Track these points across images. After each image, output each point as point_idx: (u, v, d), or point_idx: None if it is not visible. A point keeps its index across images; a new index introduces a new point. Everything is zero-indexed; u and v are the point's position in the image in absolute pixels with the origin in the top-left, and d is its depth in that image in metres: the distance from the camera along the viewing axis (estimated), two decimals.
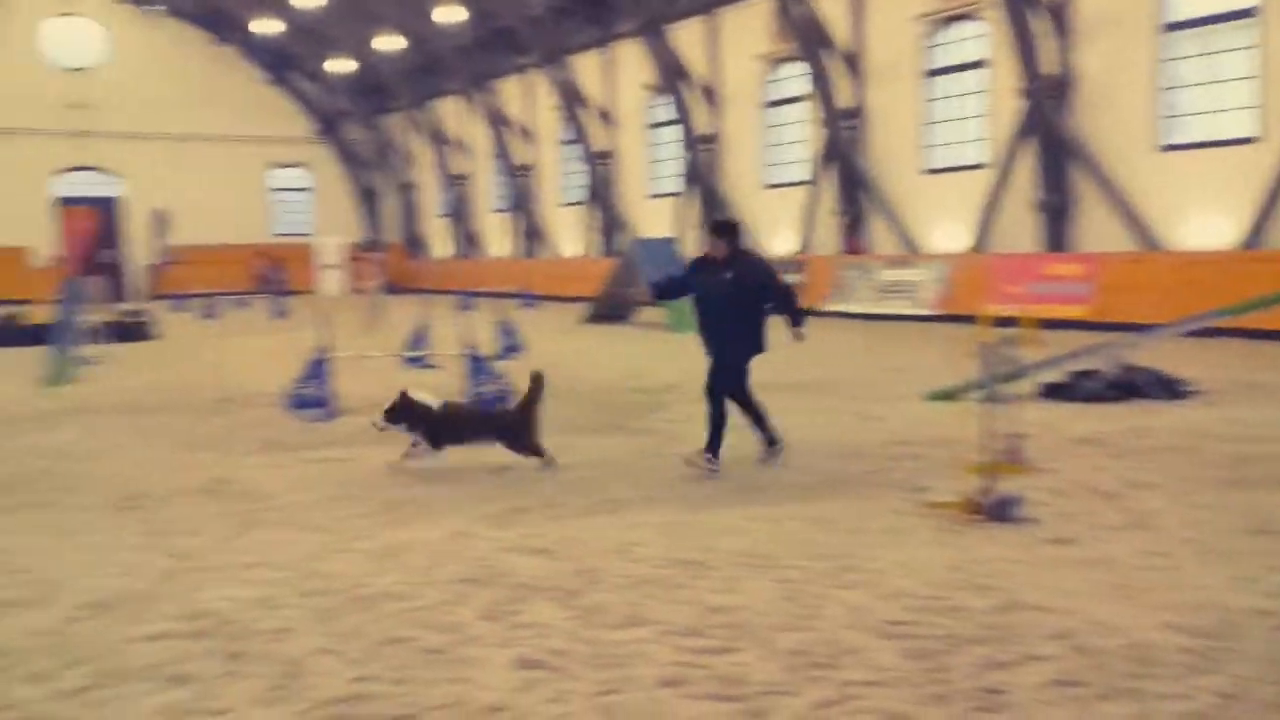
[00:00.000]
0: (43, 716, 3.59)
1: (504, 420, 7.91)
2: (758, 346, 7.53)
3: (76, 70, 36.94)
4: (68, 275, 20.56)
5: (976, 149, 20.74)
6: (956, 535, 5.60)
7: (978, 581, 4.80)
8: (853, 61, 22.10)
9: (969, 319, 8.84)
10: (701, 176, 25.87)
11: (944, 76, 21.34)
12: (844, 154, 22.26)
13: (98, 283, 17.99)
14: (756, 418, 7.55)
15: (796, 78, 24.28)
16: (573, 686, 3.76)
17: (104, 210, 35.62)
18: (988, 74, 20.28)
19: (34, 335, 17.47)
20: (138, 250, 37.46)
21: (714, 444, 7.27)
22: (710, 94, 25.85)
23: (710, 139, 25.91)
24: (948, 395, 9.80)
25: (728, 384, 7.44)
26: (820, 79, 22.17)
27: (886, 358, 14.28)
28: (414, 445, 7.53)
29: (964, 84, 21.03)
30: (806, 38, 22.04)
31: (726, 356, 7.46)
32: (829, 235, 23.13)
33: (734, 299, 7.32)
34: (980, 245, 20.03)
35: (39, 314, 18.67)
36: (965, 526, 5.73)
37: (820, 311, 21.11)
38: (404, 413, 7.48)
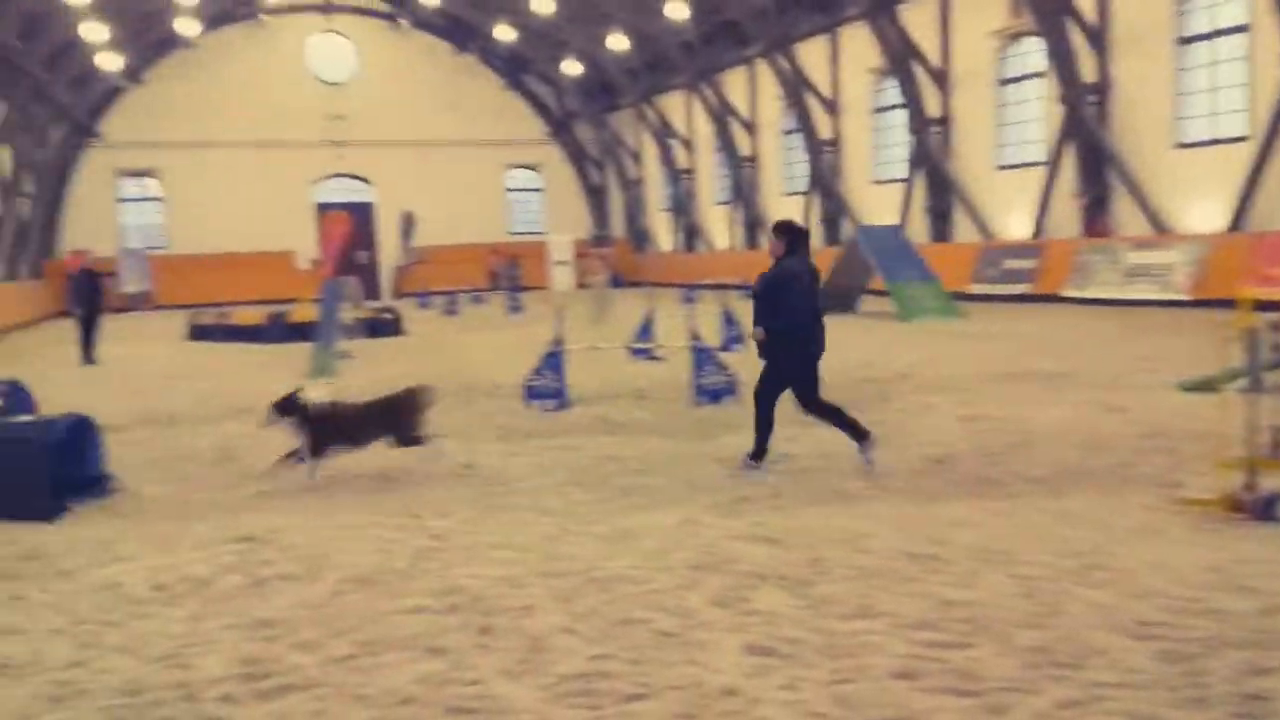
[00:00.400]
0: (315, 681, 3.89)
1: (388, 414, 7.56)
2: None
3: (333, 84, 39.96)
4: (327, 276, 22.22)
5: (1236, 120, 19.04)
6: (1215, 534, 5.22)
7: (1240, 583, 4.47)
8: (1096, 34, 20.77)
9: (1226, 304, 8.18)
10: (929, 160, 25.05)
11: (1199, 44, 19.72)
12: (1086, 131, 20.97)
13: (353, 283, 19.36)
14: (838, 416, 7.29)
15: (1032, 53, 23.10)
16: (805, 674, 3.77)
17: (357, 214, 38.37)
18: (1247, 39, 18.57)
19: (299, 332, 19.11)
20: (387, 251, 40.15)
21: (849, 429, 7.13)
22: (940, 75, 24.98)
23: (939, 121, 25.04)
24: (1204, 385, 9.10)
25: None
26: (1060, 53, 20.97)
27: (1133, 345, 13.39)
28: (294, 452, 7.37)
29: (1220, 51, 19.35)
30: (1045, 10, 20.89)
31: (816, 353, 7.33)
32: (1067, 217, 21.87)
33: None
34: (1239, 224, 18.41)
35: (303, 312, 20.37)
36: (1225, 525, 5.34)
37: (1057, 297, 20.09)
38: (288, 409, 7.36)
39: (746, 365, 12.21)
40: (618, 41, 33.22)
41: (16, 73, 27.74)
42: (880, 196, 27.81)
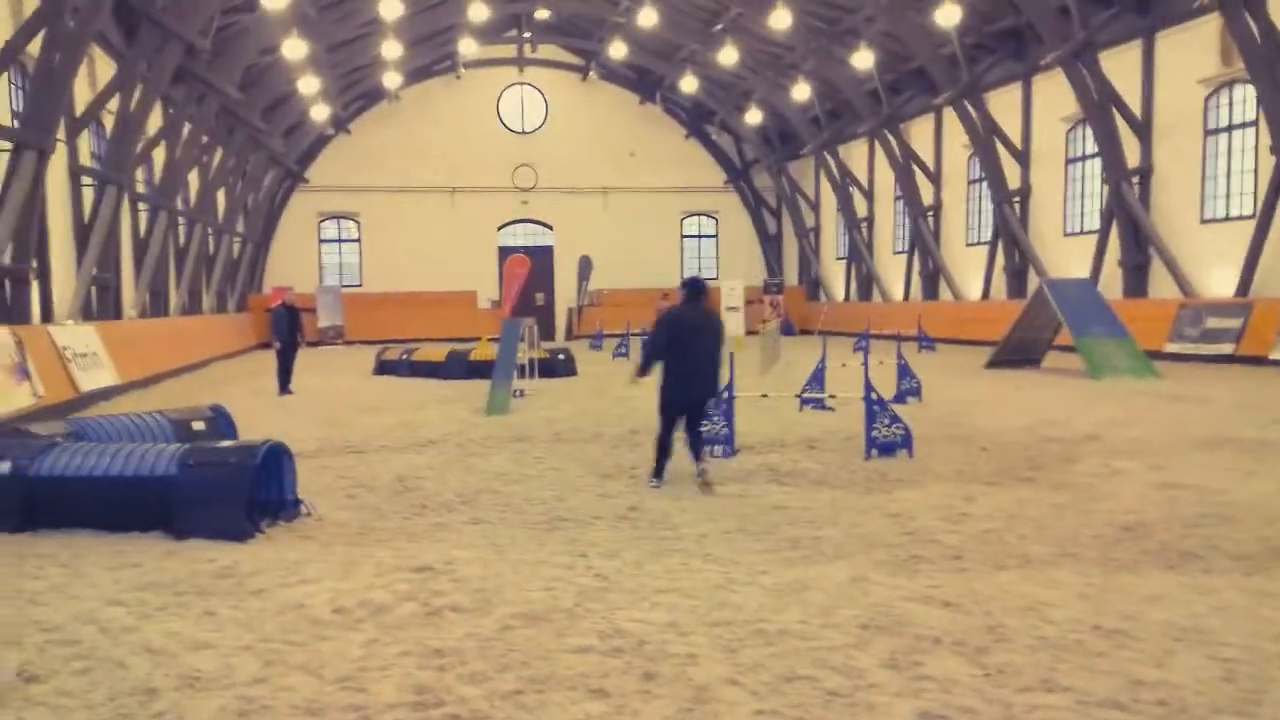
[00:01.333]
0: (482, 714, 3.95)
1: None
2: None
3: (523, 133, 41.65)
4: (506, 316, 22.92)
5: None
6: None
7: None
8: None
9: None
10: (1126, 212, 23.88)
11: None
12: None
13: (530, 323, 19.88)
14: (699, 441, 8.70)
15: (1242, 102, 21.80)
16: None
17: (538, 258, 39.63)
18: None
19: (478, 369, 19.75)
20: (564, 293, 41.29)
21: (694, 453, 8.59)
22: (1140, 123, 23.86)
23: (1138, 171, 23.88)
24: None
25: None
26: (1272, 101, 19.68)
27: None
28: None
29: None
30: (1257, 57, 19.68)
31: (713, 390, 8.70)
32: (1276, 275, 20.37)
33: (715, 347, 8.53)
34: None
35: (482, 351, 21.07)
36: None
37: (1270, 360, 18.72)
38: None
39: (920, 418, 11.90)
40: (801, 91, 33.22)
41: (236, 122, 30.08)
42: (1072, 248, 26.67)
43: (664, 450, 8.61)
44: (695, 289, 8.61)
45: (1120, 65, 23.96)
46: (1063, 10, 23.74)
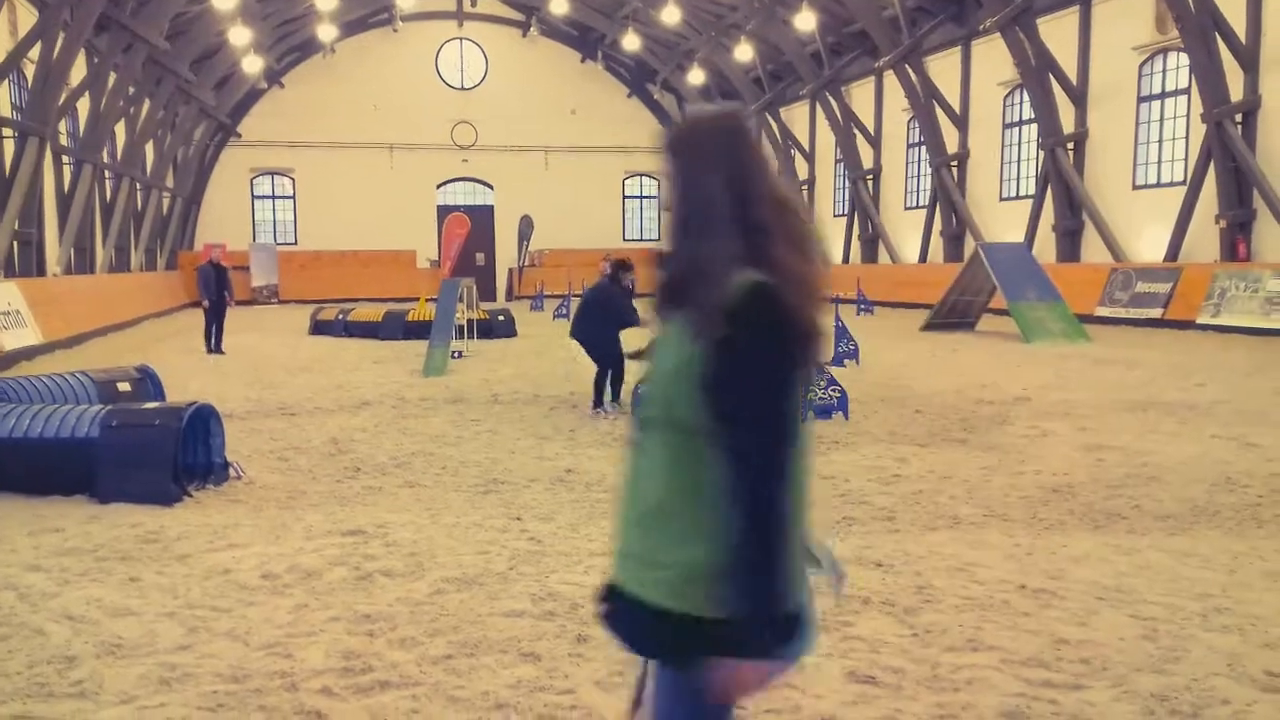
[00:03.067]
0: (412, 680, 3.92)
1: None
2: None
3: (462, 90, 40.96)
4: (445, 276, 22.66)
5: None
6: None
7: None
8: (1245, 51, 19.79)
9: None
10: (1061, 177, 24.24)
11: None
12: (1231, 151, 20.00)
13: (469, 283, 19.70)
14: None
15: (1176, 69, 22.17)
16: (906, 707, 3.64)
17: (478, 217, 39.19)
18: None
19: (415, 330, 19.53)
20: (504, 253, 40.92)
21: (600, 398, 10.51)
22: (1076, 90, 24.17)
23: (1073, 137, 24.22)
24: None
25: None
26: (1205, 70, 20.04)
27: (1272, 378, 12.57)
28: None
29: None
30: (1192, 26, 19.99)
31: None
32: (1204, 241, 20.87)
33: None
34: None
35: (421, 311, 20.83)
36: None
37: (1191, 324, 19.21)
38: None
39: (856, 381, 12.02)
40: (743, 51, 33.09)
41: (164, 73, 29.16)
42: (1007, 213, 27.05)
43: (599, 389, 10.61)
44: (616, 266, 11.01)
45: (1057, 31, 24.22)
46: None
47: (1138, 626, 4.37)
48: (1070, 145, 24.25)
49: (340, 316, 22.03)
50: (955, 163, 28.71)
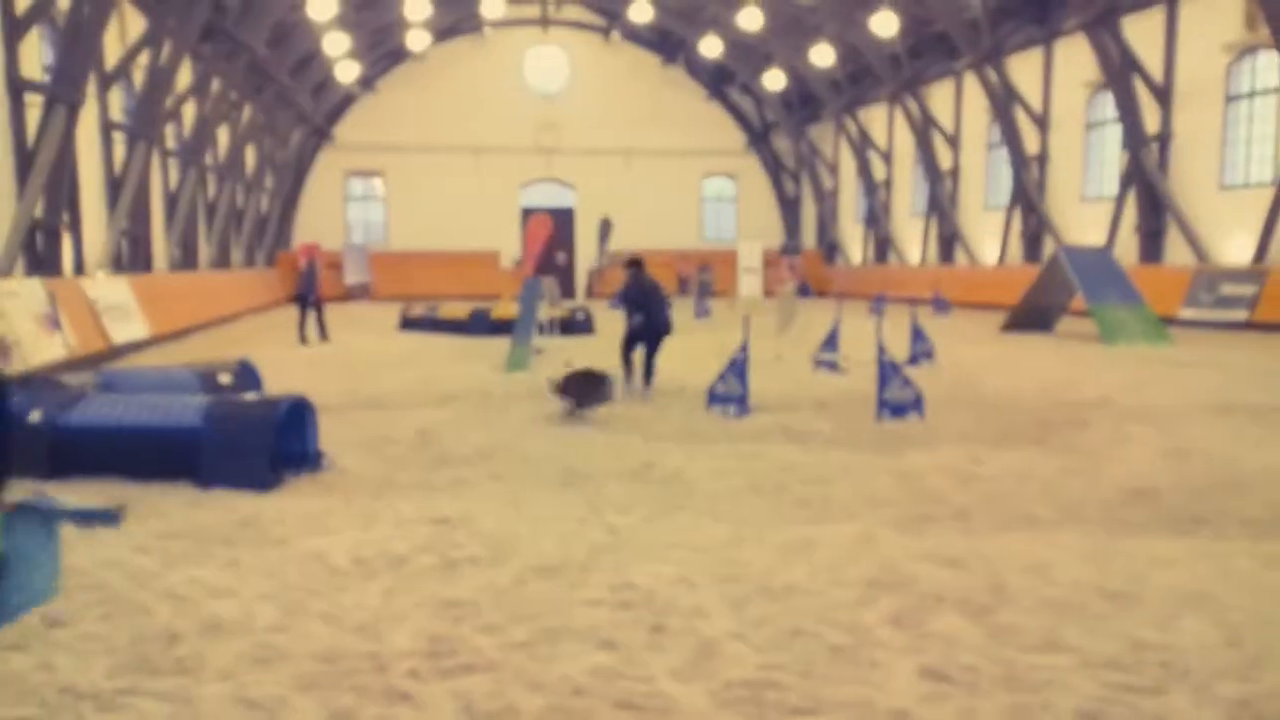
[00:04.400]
0: (494, 664, 4.05)
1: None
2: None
3: (546, 94, 41.50)
4: (527, 275, 23.02)
5: None
6: None
7: None
8: None
9: None
10: (1144, 178, 23.64)
11: None
12: None
13: (551, 282, 20.02)
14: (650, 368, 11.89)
15: (1266, 69, 21.49)
16: (981, 705, 3.66)
17: (559, 218, 39.60)
18: None
19: (499, 327, 19.88)
20: (585, 254, 41.31)
21: (646, 376, 11.86)
22: (1161, 90, 23.56)
23: (1157, 138, 23.60)
24: None
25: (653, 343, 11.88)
26: None
27: None
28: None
29: None
30: None
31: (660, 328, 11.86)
32: None
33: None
34: None
35: (503, 309, 21.18)
36: None
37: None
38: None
39: (932, 381, 11.93)
40: (822, 54, 32.95)
41: (265, 79, 30.09)
42: (1089, 214, 26.47)
43: (631, 364, 11.99)
44: (634, 265, 12.09)
45: (1143, 30, 23.63)
46: None
47: (1221, 632, 4.31)
48: (1155, 145, 23.64)
49: (428, 313, 22.55)
50: (1036, 163, 28.18)
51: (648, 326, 11.74)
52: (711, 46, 36.40)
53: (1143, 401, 10.86)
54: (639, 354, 11.91)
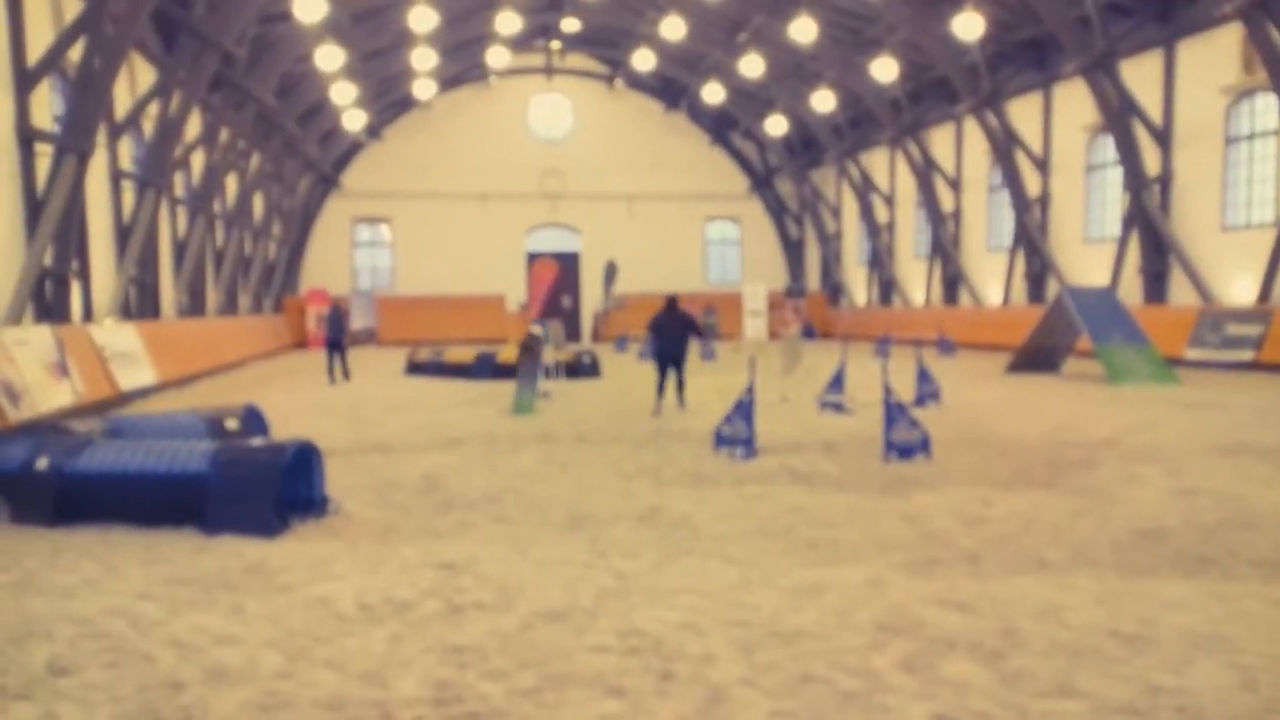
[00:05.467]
0: (501, 712, 4.01)
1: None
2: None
3: (551, 141, 41.95)
4: (533, 319, 23.13)
5: None
6: None
7: None
8: None
9: None
10: (1146, 219, 23.75)
11: None
12: None
13: (556, 326, 20.11)
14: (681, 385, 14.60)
15: (1265, 111, 21.67)
16: None
17: (565, 263, 39.87)
18: None
19: (505, 371, 19.89)
20: (590, 297, 41.52)
21: (678, 394, 14.56)
22: (1161, 132, 23.73)
23: (1158, 179, 23.74)
24: None
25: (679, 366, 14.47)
26: None
27: None
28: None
29: None
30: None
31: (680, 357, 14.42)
32: None
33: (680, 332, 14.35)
34: None
35: (509, 353, 21.21)
36: None
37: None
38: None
39: (939, 423, 11.91)
40: (823, 100, 33.29)
41: (272, 128, 30.45)
42: (1092, 255, 26.57)
43: (662, 389, 14.27)
44: (669, 301, 14.53)
45: (1141, 74, 23.87)
46: (1084, 20, 23.65)
47: (1235, 675, 4.27)
48: (1156, 187, 23.77)
49: (434, 358, 22.59)
50: (1038, 205, 28.34)
51: (661, 354, 14.31)
52: (714, 93, 36.82)
53: (1150, 442, 10.82)
54: (670, 381, 14.41)
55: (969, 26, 24.88)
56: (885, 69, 28.89)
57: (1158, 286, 23.78)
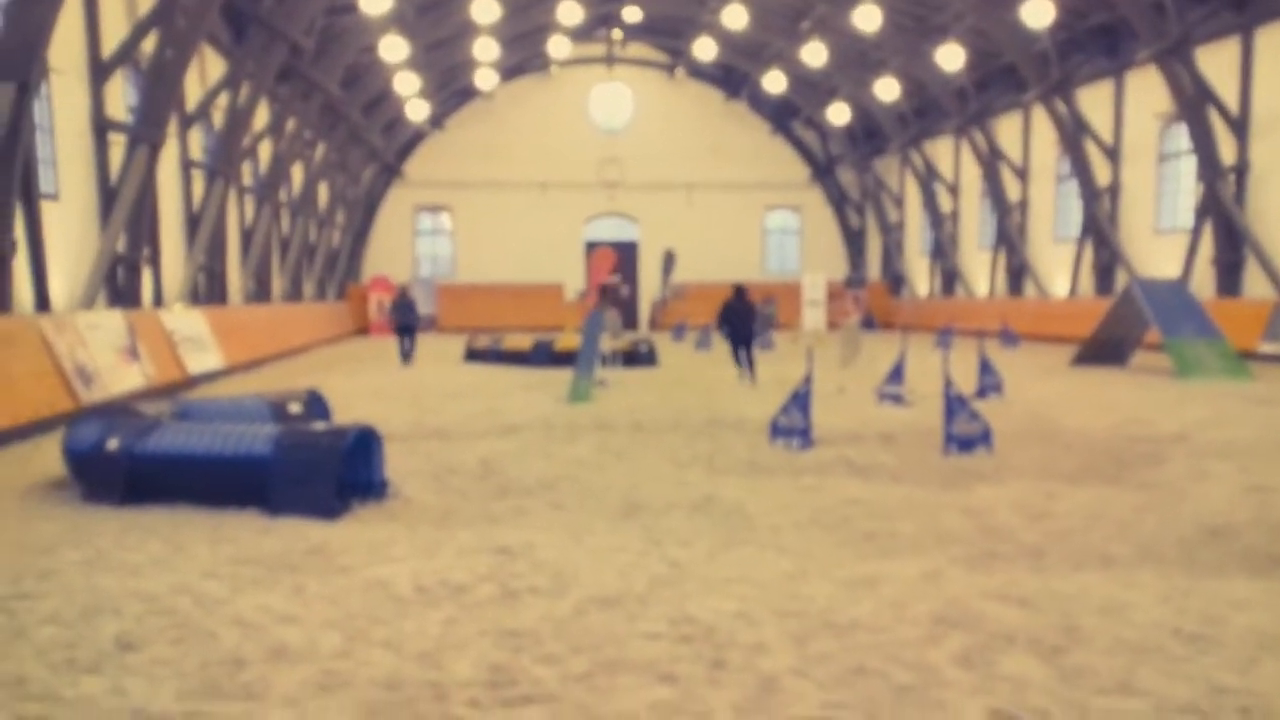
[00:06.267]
0: (554, 695, 4.04)
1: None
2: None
3: (610, 130, 41.99)
4: (591, 308, 23.24)
5: None
6: None
7: None
8: None
9: None
10: (1220, 209, 23.09)
11: None
12: None
13: (614, 315, 20.19)
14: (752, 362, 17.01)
15: None
16: None
17: (623, 252, 39.95)
18: None
19: (562, 359, 20.01)
20: (648, 286, 41.55)
21: (749, 370, 16.95)
22: (1236, 120, 23.04)
23: (1233, 169, 23.06)
24: None
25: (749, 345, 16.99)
26: None
27: None
28: None
29: None
30: None
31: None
32: None
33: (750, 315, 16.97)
34: None
35: (566, 340, 21.32)
36: None
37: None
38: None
39: (1001, 415, 11.72)
40: (887, 88, 32.86)
41: (337, 118, 30.88)
42: (1163, 246, 25.91)
43: (739, 360, 16.93)
44: (737, 290, 17.12)
45: (1217, 61, 23.17)
46: (1158, 6, 23.03)
47: None
48: (1231, 177, 23.09)
49: (492, 345, 22.78)
50: (1107, 195, 27.70)
51: (734, 335, 16.85)
52: (775, 81, 36.52)
53: (1220, 438, 10.54)
54: (743, 354, 16.95)
55: (1039, 13, 24.35)
56: (951, 57, 28.39)
57: (1231, 278, 23.13)
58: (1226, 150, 23.11)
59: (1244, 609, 5.03)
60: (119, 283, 17.41)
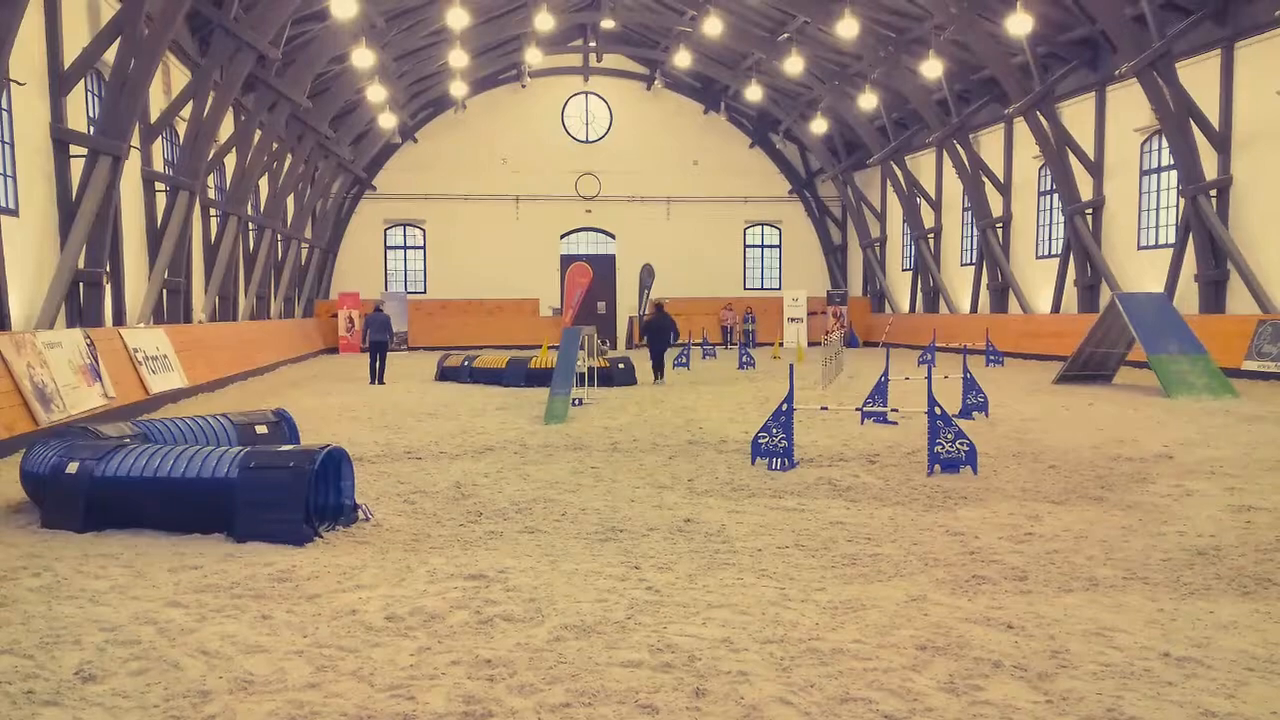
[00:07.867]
0: None
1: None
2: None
3: (586, 142, 41.92)
4: (566, 324, 23.14)
5: None
6: None
7: None
8: None
9: None
10: (1203, 225, 23.23)
11: None
12: None
13: (591, 331, 20.05)
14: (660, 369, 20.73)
15: None
16: None
17: (599, 266, 39.85)
18: None
19: (537, 377, 19.84)
20: (625, 302, 41.42)
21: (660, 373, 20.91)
22: (1219, 135, 23.21)
23: (1217, 184, 23.22)
24: None
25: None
26: None
27: None
28: None
29: None
30: None
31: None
32: None
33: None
34: None
35: (543, 358, 21.17)
36: None
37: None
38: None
39: (986, 434, 11.66)
40: (868, 100, 32.95)
41: (305, 129, 30.65)
42: (1146, 262, 26.05)
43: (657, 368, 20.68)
44: (657, 308, 21.00)
45: (1198, 75, 23.35)
46: (1139, 19, 23.21)
47: None
48: (1213, 192, 23.25)
49: (465, 363, 22.55)
50: (1090, 210, 27.85)
51: (652, 344, 20.59)
52: (754, 93, 36.58)
53: (1206, 456, 10.52)
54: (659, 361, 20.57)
55: (1019, 25, 24.44)
56: (932, 68, 28.52)
57: (1215, 295, 23.25)
58: (1209, 165, 23.27)
59: (1231, 631, 4.98)
60: (80, 300, 17.10)
